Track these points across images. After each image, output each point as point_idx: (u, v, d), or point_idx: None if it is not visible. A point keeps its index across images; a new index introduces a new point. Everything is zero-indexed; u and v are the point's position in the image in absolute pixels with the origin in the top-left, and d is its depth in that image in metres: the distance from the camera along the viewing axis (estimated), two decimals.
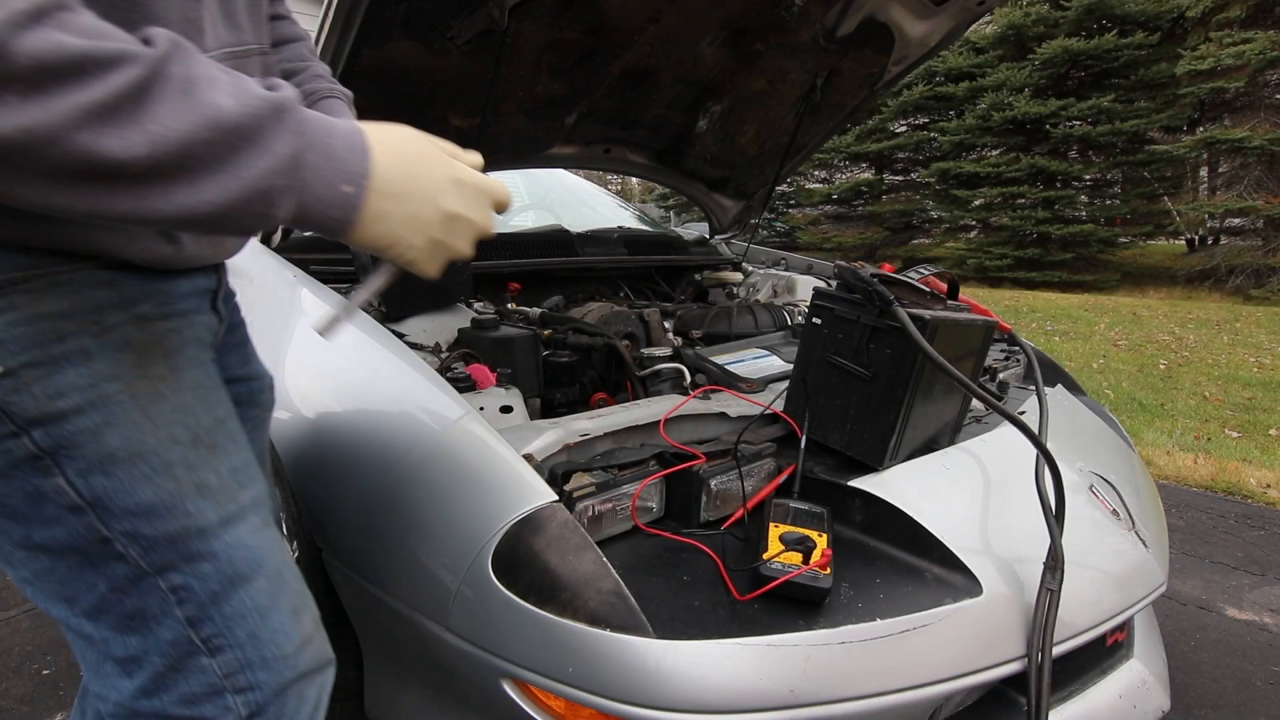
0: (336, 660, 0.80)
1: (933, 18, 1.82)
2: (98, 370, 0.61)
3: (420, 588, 0.94)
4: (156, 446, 0.64)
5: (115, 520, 0.63)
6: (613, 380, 1.51)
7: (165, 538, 0.64)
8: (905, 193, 16.59)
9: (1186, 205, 12.45)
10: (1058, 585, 0.95)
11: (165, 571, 0.65)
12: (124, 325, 0.63)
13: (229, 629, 0.68)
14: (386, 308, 1.50)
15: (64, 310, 0.59)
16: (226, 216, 0.50)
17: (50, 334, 0.59)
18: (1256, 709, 1.61)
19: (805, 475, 1.12)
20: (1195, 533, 2.56)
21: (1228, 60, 11.18)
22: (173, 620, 0.66)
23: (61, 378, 0.59)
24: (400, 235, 0.60)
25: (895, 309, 1.04)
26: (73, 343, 0.60)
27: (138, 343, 0.64)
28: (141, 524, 0.63)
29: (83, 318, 0.60)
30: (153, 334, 0.65)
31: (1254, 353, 6.30)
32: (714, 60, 1.79)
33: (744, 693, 0.80)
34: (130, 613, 0.65)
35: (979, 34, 14.20)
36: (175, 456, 0.65)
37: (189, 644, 0.67)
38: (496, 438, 0.98)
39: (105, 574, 0.64)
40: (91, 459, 0.61)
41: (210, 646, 0.67)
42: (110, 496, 0.62)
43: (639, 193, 25.83)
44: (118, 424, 0.62)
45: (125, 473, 0.62)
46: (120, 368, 0.62)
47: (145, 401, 0.63)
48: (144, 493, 0.63)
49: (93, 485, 0.62)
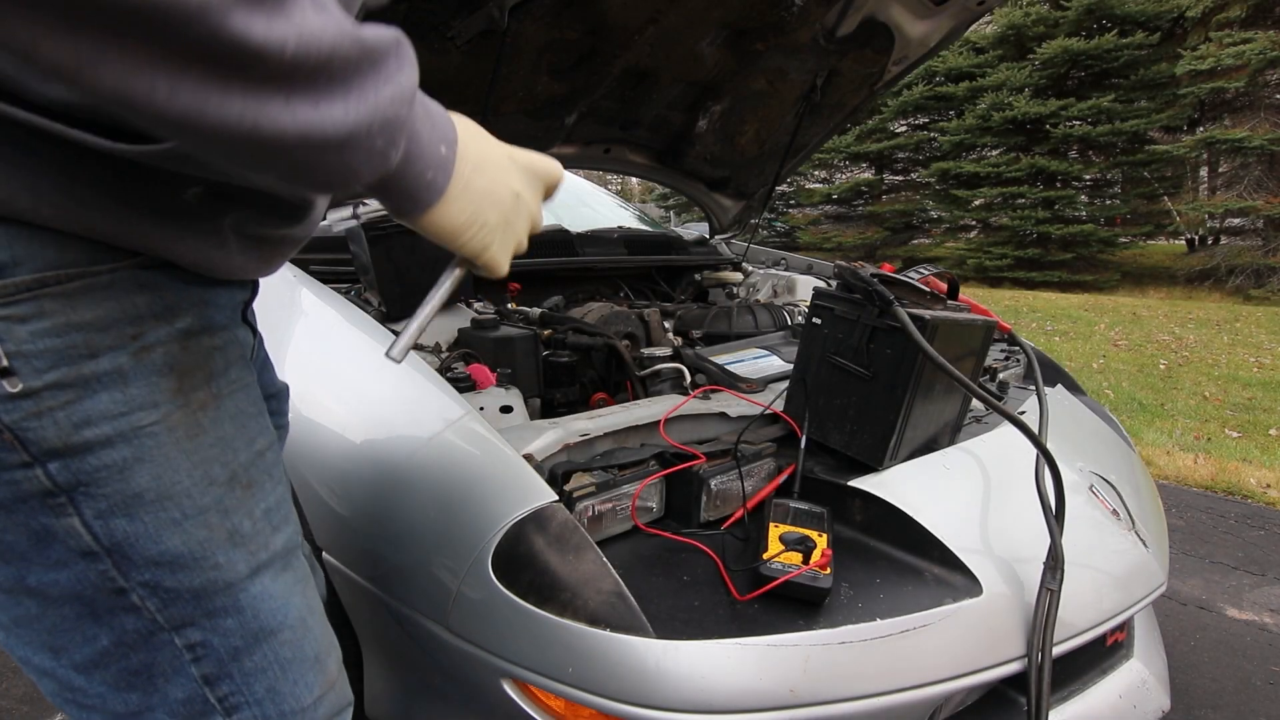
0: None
1: (933, 18, 1.82)
2: (133, 396, 0.53)
3: (420, 588, 0.94)
4: (190, 488, 0.56)
5: (135, 570, 0.55)
6: (613, 380, 1.51)
7: (190, 591, 0.57)
8: (905, 193, 16.60)
9: (1186, 205, 12.46)
10: (1058, 585, 0.95)
11: (183, 628, 0.58)
12: (166, 343, 0.55)
13: (248, 686, 0.62)
14: (386, 308, 1.50)
15: (100, 320, 0.51)
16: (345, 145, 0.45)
17: (84, 349, 0.51)
18: (1256, 709, 1.61)
19: (805, 475, 1.12)
20: (1195, 533, 2.56)
21: (1228, 60, 11.19)
22: (186, 679, 0.59)
23: (92, 403, 0.51)
24: (479, 210, 0.57)
25: (895, 309, 1.04)
26: (108, 361, 0.52)
27: (180, 364, 0.56)
28: (165, 575, 0.56)
29: (121, 330, 0.52)
30: (197, 354, 0.58)
31: (1254, 353, 6.30)
32: (714, 60, 1.79)
33: (744, 693, 0.80)
34: (135, 669, 0.58)
35: (979, 34, 14.21)
36: (210, 500, 0.58)
37: (203, 703, 0.60)
38: (497, 438, 0.98)
39: (111, 627, 0.57)
40: (115, 500, 0.53)
41: (226, 705, 0.61)
42: (132, 543, 0.55)
43: (639, 193, 25.82)
44: (150, 461, 0.54)
45: (152, 517, 0.55)
46: (159, 394, 0.55)
47: (182, 435, 0.56)
48: (171, 540, 0.56)
49: (113, 529, 0.54)
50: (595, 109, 1.90)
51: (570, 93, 1.76)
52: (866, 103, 2.14)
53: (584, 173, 3.41)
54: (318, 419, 1.12)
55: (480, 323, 1.41)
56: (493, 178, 0.58)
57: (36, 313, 0.49)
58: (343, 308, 1.28)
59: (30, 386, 0.49)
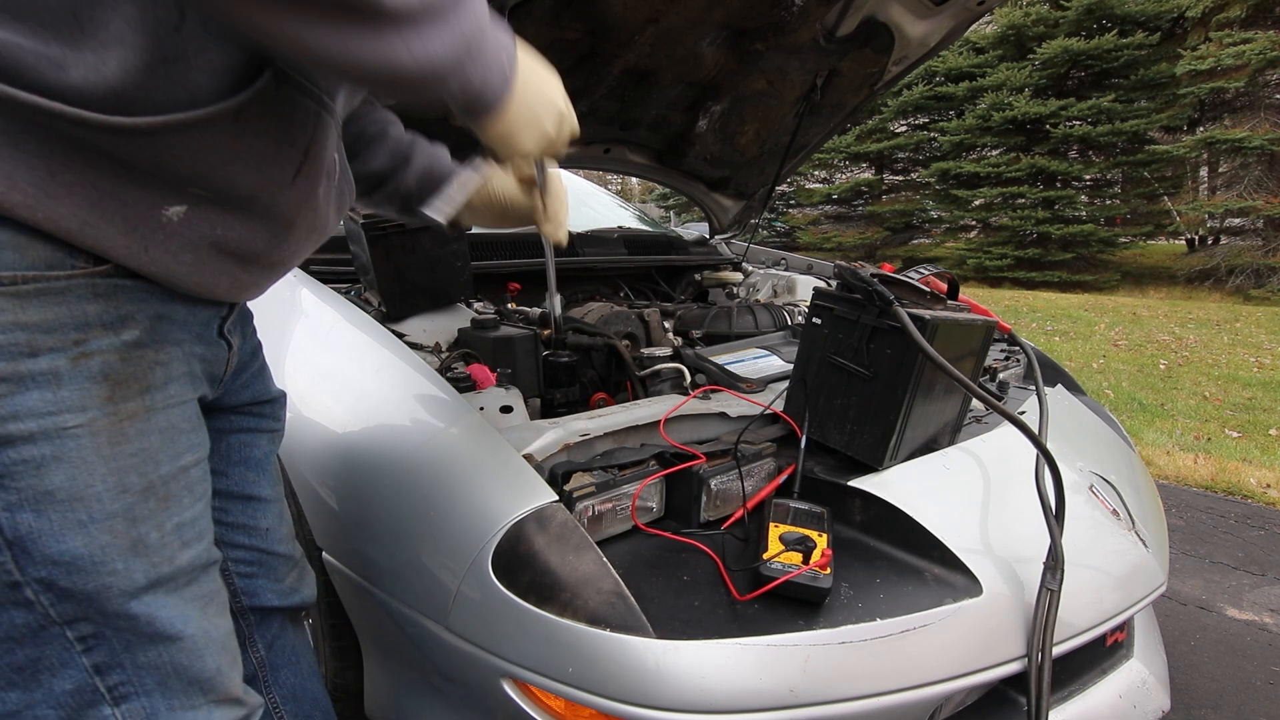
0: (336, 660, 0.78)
1: (933, 18, 1.82)
2: (63, 398, 0.55)
3: (420, 588, 0.94)
4: (102, 493, 0.57)
5: (32, 566, 0.56)
6: (613, 380, 1.51)
7: (83, 593, 0.58)
8: (905, 193, 16.60)
9: (1186, 205, 12.46)
10: (1058, 585, 0.95)
11: (75, 622, 0.59)
12: (107, 352, 0.57)
13: (138, 676, 0.62)
14: (386, 308, 1.50)
15: (47, 323, 0.53)
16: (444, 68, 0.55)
17: (25, 347, 0.53)
18: (1256, 709, 1.61)
19: (805, 475, 1.12)
20: (1195, 533, 2.56)
21: (1228, 60, 11.18)
22: (75, 669, 0.60)
23: (22, 399, 0.53)
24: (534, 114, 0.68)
25: (895, 309, 1.04)
26: (45, 361, 0.54)
27: (116, 374, 0.58)
28: (60, 575, 0.57)
29: (65, 335, 0.54)
30: (137, 366, 0.59)
31: (1254, 353, 6.30)
32: (714, 60, 1.79)
33: (744, 693, 0.80)
34: (20, 665, 0.58)
35: (979, 34, 14.21)
36: (119, 506, 0.58)
37: (92, 693, 0.61)
38: (497, 438, 0.98)
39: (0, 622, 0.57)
40: (26, 494, 0.54)
41: (115, 695, 0.62)
42: (34, 539, 0.55)
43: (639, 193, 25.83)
44: (67, 461, 0.55)
45: (59, 516, 0.56)
46: (88, 399, 0.56)
47: (104, 441, 0.57)
48: (73, 541, 0.56)
49: (18, 523, 0.55)
50: (595, 109, 1.90)
51: (570, 93, 1.75)
52: (866, 103, 2.14)
53: (584, 173, 3.41)
54: (318, 419, 1.12)
55: (480, 323, 1.41)
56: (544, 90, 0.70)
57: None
58: (343, 308, 1.28)
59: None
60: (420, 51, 0.52)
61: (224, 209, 0.60)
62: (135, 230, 0.55)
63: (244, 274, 0.64)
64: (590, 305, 1.78)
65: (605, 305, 1.76)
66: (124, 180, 0.54)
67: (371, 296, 1.53)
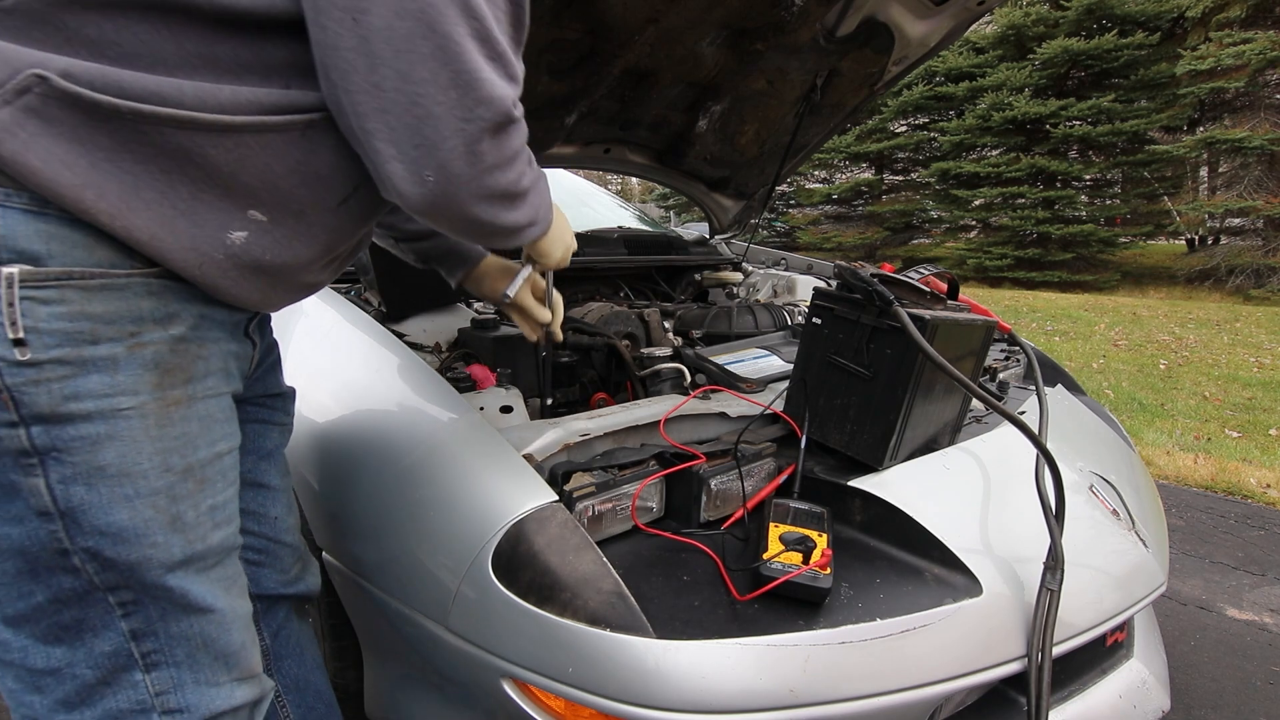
0: (336, 660, 0.80)
1: (933, 18, 1.81)
2: (119, 382, 0.61)
3: (420, 588, 0.94)
4: (148, 470, 0.63)
5: (81, 535, 0.61)
6: (613, 380, 1.51)
7: (125, 563, 0.63)
8: (905, 193, 16.59)
9: (1186, 205, 12.45)
10: (1058, 585, 0.95)
11: (116, 589, 0.64)
12: (158, 344, 0.63)
13: (169, 647, 0.67)
14: (386, 308, 1.50)
15: (108, 314, 0.60)
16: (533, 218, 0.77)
17: (89, 335, 0.59)
18: (1256, 709, 1.61)
19: (805, 475, 1.12)
20: (1195, 533, 2.56)
21: (1228, 60, 11.18)
22: (114, 632, 0.65)
23: (84, 381, 0.59)
24: (560, 240, 0.99)
25: (895, 309, 1.04)
26: (105, 349, 0.60)
27: (165, 364, 0.64)
28: (105, 545, 0.62)
29: (122, 326, 0.61)
30: (182, 358, 0.66)
31: (1254, 353, 6.30)
32: (714, 60, 1.79)
33: (744, 693, 0.80)
34: (66, 624, 0.64)
35: (979, 34, 14.21)
36: (162, 484, 0.64)
37: (127, 657, 0.66)
38: (496, 438, 0.98)
39: (48, 585, 0.62)
40: (80, 468, 0.60)
41: (147, 662, 0.67)
42: (84, 511, 0.61)
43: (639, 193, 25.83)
44: (119, 440, 0.61)
45: (108, 490, 0.61)
46: (140, 385, 0.62)
47: (153, 424, 0.63)
48: (119, 514, 0.62)
49: (71, 495, 0.60)
50: (595, 109, 1.89)
51: (570, 93, 1.76)
52: (866, 103, 2.13)
53: (584, 173, 3.40)
54: (317, 419, 1.12)
55: (480, 323, 1.41)
56: (563, 231, 1.00)
57: (58, 299, 0.58)
58: (343, 308, 1.28)
59: (36, 358, 0.57)
60: (529, 211, 0.75)
61: (275, 234, 0.67)
62: (197, 249, 0.63)
63: (273, 291, 0.72)
64: (590, 305, 1.78)
65: (605, 305, 1.76)
66: (200, 198, 0.61)
67: (371, 296, 1.53)
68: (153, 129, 0.58)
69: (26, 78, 0.54)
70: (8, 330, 0.56)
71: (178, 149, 0.59)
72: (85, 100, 0.56)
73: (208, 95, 0.59)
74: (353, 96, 0.59)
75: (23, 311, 0.56)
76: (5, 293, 0.56)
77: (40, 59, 0.55)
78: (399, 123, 0.60)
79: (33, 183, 0.56)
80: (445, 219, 0.67)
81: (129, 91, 0.57)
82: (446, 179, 0.63)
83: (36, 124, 0.55)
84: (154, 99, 0.57)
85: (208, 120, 0.59)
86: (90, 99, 0.56)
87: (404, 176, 0.62)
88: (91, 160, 0.57)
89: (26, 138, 0.55)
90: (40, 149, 0.56)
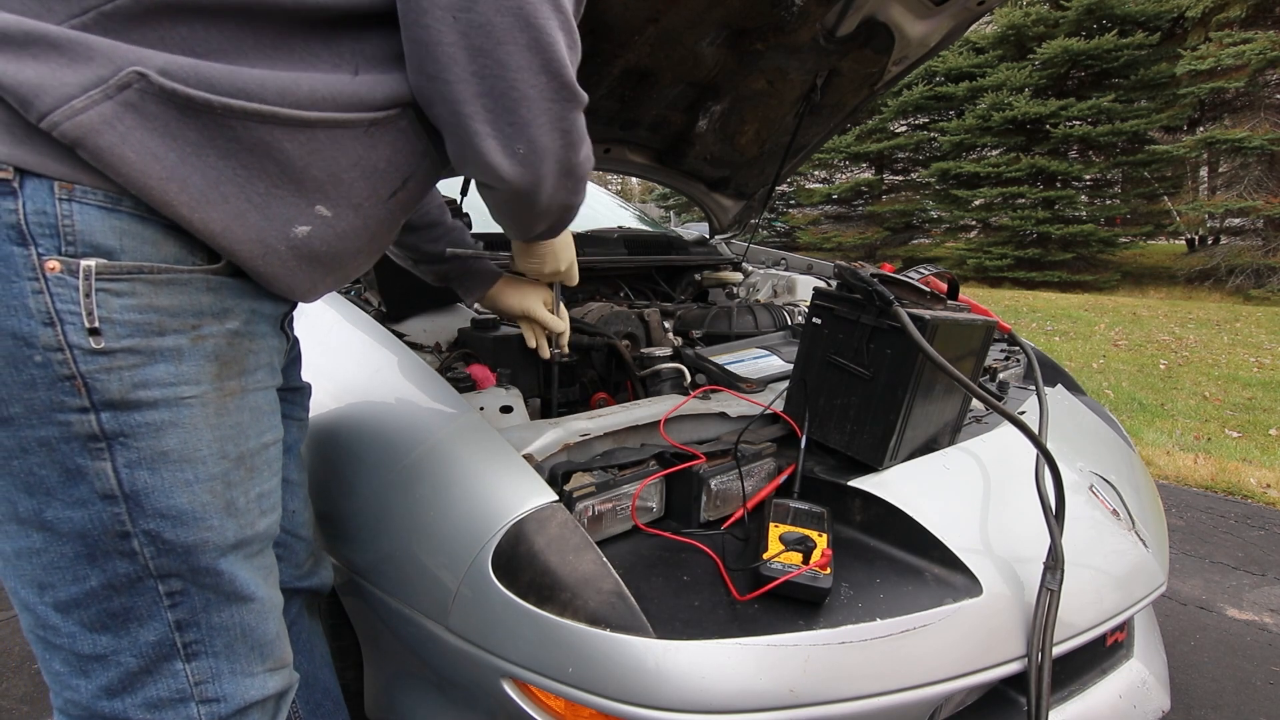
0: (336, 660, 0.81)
1: (933, 18, 1.81)
2: (184, 372, 0.64)
3: (420, 588, 0.94)
4: (207, 456, 0.66)
5: (143, 518, 0.64)
6: (613, 380, 1.51)
7: (182, 546, 0.66)
8: (905, 193, 16.60)
9: (1186, 205, 12.45)
10: (1058, 585, 0.95)
11: (168, 577, 0.67)
12: (216, 337, 0.67)
13: (210, 638, 0.70)
14: (386, 308, 1.50)
15: (173, 308, 0.63)
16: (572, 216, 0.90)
17: (156, 327, 0.62)
18: (1256, 709, 1.61)
19: (805, 475, 1.12)
20: (1195, 533, 2.56)
21: (1228, 60, 11.18)
22: (160, 622, 0.67)
23: (152, 370, 0.62)
24: (565, 255, 1.13)
25: (895, 309, 1.04)
26: (171, 340, 0.63)
27: (223, 356, 0.67)
28: (165, 527, 0.65)
29: (185, 319, 0.64)
30: (237, 351, 0.69)
31: (1254, 353, 6.30)
32: (714, 60, 1.79)
33: (744, 693, 0.80)
34: (115, 611, 0.66)
35: (979, 34, 14.21)
36: (218, 470, 0.67)
37: (170, 647, 0.68)
38: (496, 438, 0.98)
39: (104, 569, 0.64)
40: (144, 453, 0.63)
41: (188, 652, 0.69)
42: (147, 494, 0.64)
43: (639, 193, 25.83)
44: (181, 427, 0.64)
45: (170, 474, 0.64)
46: (202, 375, 0.65)
47: (212, 412, 0.66)
48: (179, 497, 0.65)
49: (135, 479, 0.63)
50: (595, 109, 1.89)
51: None
52: (866, 103, 2.13)
53: None
54: (318, 419, 1.12)
55: (480, 323, 1.41)
56: (567, 245, 1.13)
57: (130, 292, 0.61)
58: (343, 308, 1.28)
59: (109, 346, 0.60)
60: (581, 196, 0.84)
61: (335, 226, 0.70)
62: (264, 241, 0.66)
63: (321, 281, 0.75)
64: (590, 305, 1.78)
65: (605, 305, 1.76)
66: (273, 192, 0.65)
67: (371, 296, 1.53)
68: (239, 124, 0.61)
69: (128, 74, 0.57)
70: (84, 320, 0.59)
71: (258, 143, 0.63)
72: (180, 96, 0.59)
73: (288, 90, 0.62)
74: (451, 86, 0.65)
75: (98, 303, 0.59)
76: (82, 284, 0.59)
77: (139, 56, 0.58)
78: (495, 105, 0.66)
79: (123, 173, 0.59)
80: (526, 189, 0.73)
81: (218, 87, 0.60)
82: (536, 151, 0.70)
83: (134, 118, 0.58)
84: (240, 94, 0.61)
85: (287, 115, 0.63)
86: (185, 95, 0.59)
87: (497, 150, 0.69)
88: (180, 154, 0.60)
89: (124, 131, 0.58)
90: (135, 142, 0.58)
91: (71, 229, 0.59)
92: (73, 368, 0.59)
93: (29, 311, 0.58)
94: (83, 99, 0.57)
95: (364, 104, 0.67)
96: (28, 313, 0.58)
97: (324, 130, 0.65)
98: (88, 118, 0.57)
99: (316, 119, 0.64)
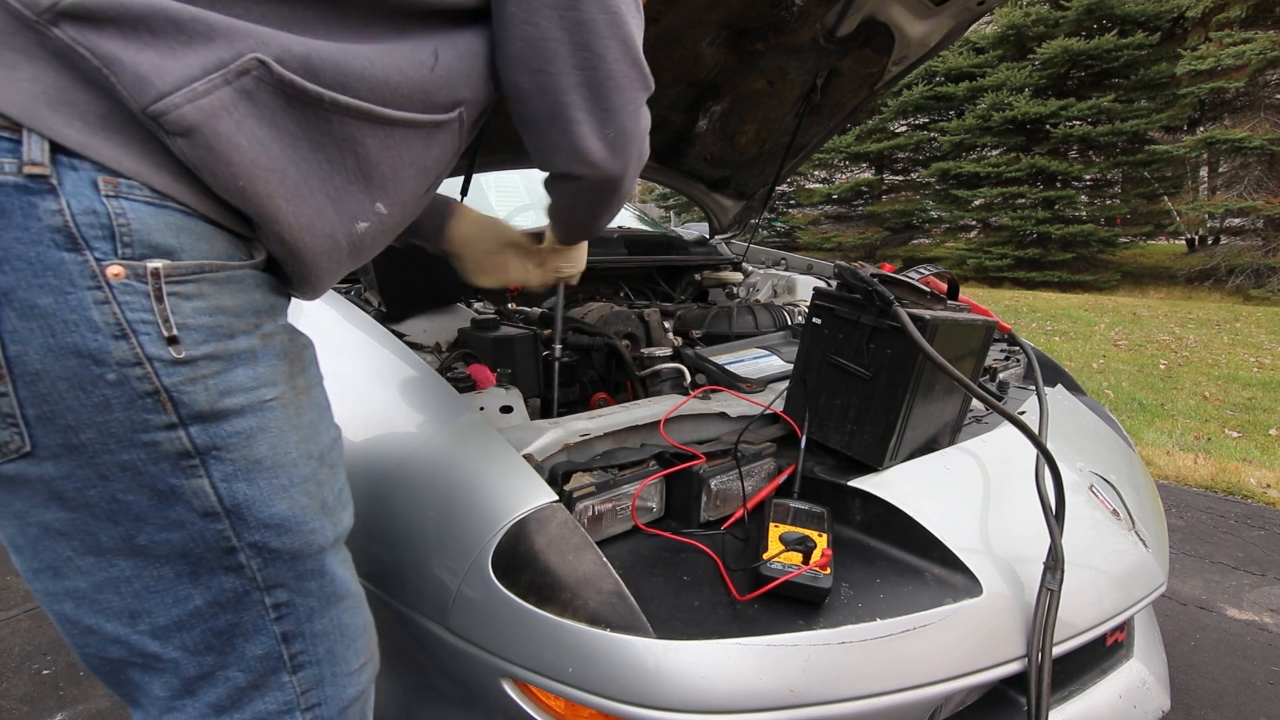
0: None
1: (933, 18, 1.81)
2: (261, 374, 0.61)
3: (420, 588, 0.94)
4: (297, 459, 0.63)
5: (248, 531, 0.61)
6: (613, 380, 1.51)
7: (289, 553, 0.64)
8: (905, 193, 16.58)
9: (1186, 205, 12.44)
10: (1058, 585, 0.95)
11: (274, 588, 0.64)
12: (279, 333, 0.64)
13: (314, 646, 0.68)
14: (386, 308, 1.50)
15: (236, 307, 0.60)
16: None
17: (226, 330, 0.59)
18: (1256, 709, 1.61)
19: (805, 475, 1.12)
20: (1195, 533, 2.56)
21: (1228, 60, 11.17)
22: (267, 636, 0.65)
23: (232, 375, 0.59)
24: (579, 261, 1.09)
25: (895, 309, 1.04)
26: (243, 341, 0.60)
27: (290, 353, 0.65)
28: (271, 537, 0.62)
29: (248, 318, 0.61)
30: (296, 346, 0.67)
31: (1254, 353, 6.30)
32: (714, 60, 1.79)
33: (744, 693, 0.80)
34: (220, 629, 0.63)
35: (979, 34, 14.20)
36: (309, 471, 0.65)
37: (277, 660, 0.66)
38: (496, 438, 0.98)
39: (209, 587, 0.61)
40: (240, 464, 0.59)
41: (295, 663, 0.67)
42: (248, 505, 0.60)
43: (639, 193, 25.82)
44: (269, 431, 0.61)
45: (266, 482, 0.61)
46: (278, 375, 0.63)
47: (292, 412, 0.64)
48: (279, 505, 0.62)
49: (235, 492, 0.59)
50: None
51: None
52: (866, 103, 2.13)
53: None
54: None
55: (480, 323, 1.41)
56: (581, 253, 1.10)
57: (197, 293, 0.57)
58: (343, 308, 1.28)
59: (190, 355, 0.56)
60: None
61: (385, 222, 0.70)
62: (331, 236, 0.64)
63: (345, 272, 0.74)
64: (590, 305, 1.78)
65: (605, 305, 1.76)
66: (348, 187, 0.64)
67: (371, 296, 1.53)
68: (336, 118, 0.60)
69: (249, 60, 0.55)
70: (161, 329, 0.54)
71: (346, 138, 0.62)
72: (294, 87, 0.57)
73: (378, 86, 0.62)
74: (555, 78, 0.70)
75: (171, 308, 0.55)
76: (152, 288, 0.54)
77: (258, 38, 0.56)
78: (592, 93, 0.71)
79: (234, 163, 0.56)
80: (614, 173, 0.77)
81: (322, 78, 0.59)
82: (622, 134, 0.75)
83: (247, 106, 0.56)
84: (342, 88, 0.60)
85: (380, 114, 0.63)
86: (299, 86, 0.57)
87: (591, 133, 0.73)
88: (281, 145, 0.58)
89: (240, 118, 0.55)
90: (248, 130, 0.56)
91: (127, 228, 0.53)
92: (155, 382, 0.55)
93: (94, 325, 0.52)
94: (204, 82, 0.53)
95: (434, 105, 0.68)
96: (92, 326, 0.52)
97: (400, 129, 0.66)
98: (209, 102, 0.53)
99: (398, 118, 0.65)
